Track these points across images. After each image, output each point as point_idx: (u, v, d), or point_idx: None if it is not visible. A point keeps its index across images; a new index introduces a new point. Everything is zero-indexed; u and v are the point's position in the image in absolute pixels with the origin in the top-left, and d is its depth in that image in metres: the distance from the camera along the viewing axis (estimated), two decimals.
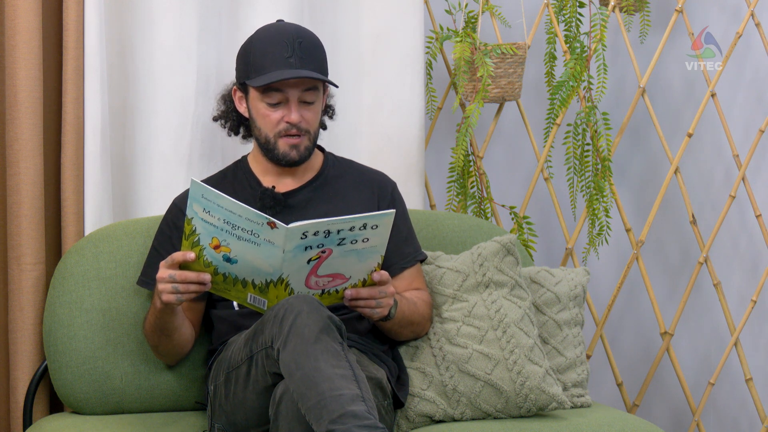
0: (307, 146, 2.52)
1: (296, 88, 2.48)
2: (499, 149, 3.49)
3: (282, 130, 2.50)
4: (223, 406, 2.35)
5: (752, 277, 3.60)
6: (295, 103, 2.49)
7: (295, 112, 2.48)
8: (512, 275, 2.61)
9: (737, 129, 3.53)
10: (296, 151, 2.51)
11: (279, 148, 2.52)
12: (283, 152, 2.51)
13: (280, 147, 2.51)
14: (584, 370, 2.67)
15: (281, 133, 2.51)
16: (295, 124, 2.49)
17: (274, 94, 2.48)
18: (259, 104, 2.50)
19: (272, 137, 2.51)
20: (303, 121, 2.50)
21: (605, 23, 3.14)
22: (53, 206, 2.75)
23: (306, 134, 2.51)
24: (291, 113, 2.48)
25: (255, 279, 2.24)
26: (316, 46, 2.50)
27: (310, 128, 2.52)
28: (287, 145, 2.51)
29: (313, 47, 2.49)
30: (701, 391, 3.56)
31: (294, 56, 2.46)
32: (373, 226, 2.22)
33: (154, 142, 2.84)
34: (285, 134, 2.50)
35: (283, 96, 2.48)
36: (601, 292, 3.53)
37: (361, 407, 2.08)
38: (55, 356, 2.56)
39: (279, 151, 2.52)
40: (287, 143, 2.51)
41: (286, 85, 2.47)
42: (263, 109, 2.50)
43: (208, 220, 2.18)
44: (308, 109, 2.51)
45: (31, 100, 2.63)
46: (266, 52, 2.47)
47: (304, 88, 2.49)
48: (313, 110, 2.52)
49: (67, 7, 2.68)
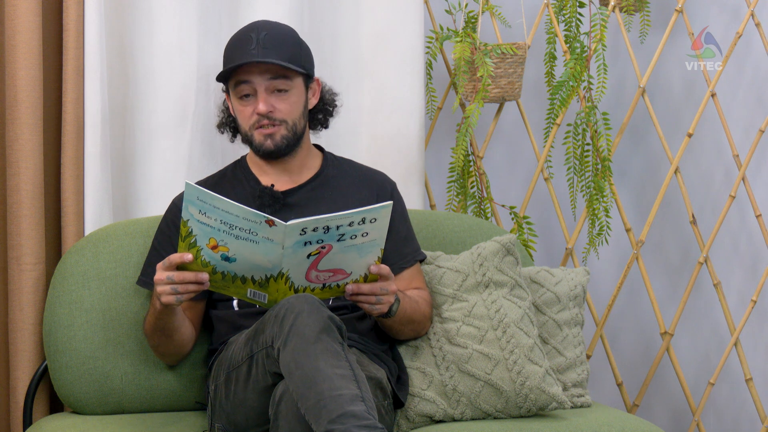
0: (285, 135, 2.51)
1: (261, 77, 2.48)
2: (499, 149, 3.49)
3: (254, 122, 2.51)
4: (224, 405, 2.35)
5: (752, 277, 3.60)
6: (262, 93, 2.49)
7: (262, 102, 2.48)
8: (512, 275, 2.61)
9: (737, 129, 3.53)
10: (271, 140, 2.51)
11: (255, 140, 2.52)
12: (258, 143, 2.52)
13: (256, 138, 2.52)
14: (584, 370, 2.67)
15: (254, 125, 2.51)
16: (264, 114, 2.49)
17: (243, 87, 2.49)
18: (235, 101, 2.53)
19: (248, 130, 2.52)
20: (276, 111, 2.49)
21: (605, 23, 3.14)
22: (53, 206, 2.75)
23: (282, 124, 2.51)
24: (258, 104, 2.48)
25: (254, 275, 2.24)
26: (283, 37, 2.50)
27: (286, 118, 2.51)
28: (261, 135, 2.51)
29: (278, 37, 2.49)
30: (701, 391, 3.56)
31: (257, 47, 2.47)
32: (372, 220, 2.22)
33: (154, 141, 2.84)
34: (258, 126, 2.51)
35: (250, 87, 2.49)
36: (601, 292, 3.53)
37: (360, 407, 2.08)
38: (55, 356, 2.56)
39: (255, 143, 2.52)
40: (261, 134, 2.51)
41: (249, 74, 2.47)
42: (237, 105, 2.52)
43: (205, 221, 2.18)
44: (281, 99, 2.50)
45: (31, 100, 2.63)
46: (233, 47, 2.50)
47: (270, 76, 2.48)
48: (287, 100, 2.50)
49: (67, 7, 2.68)
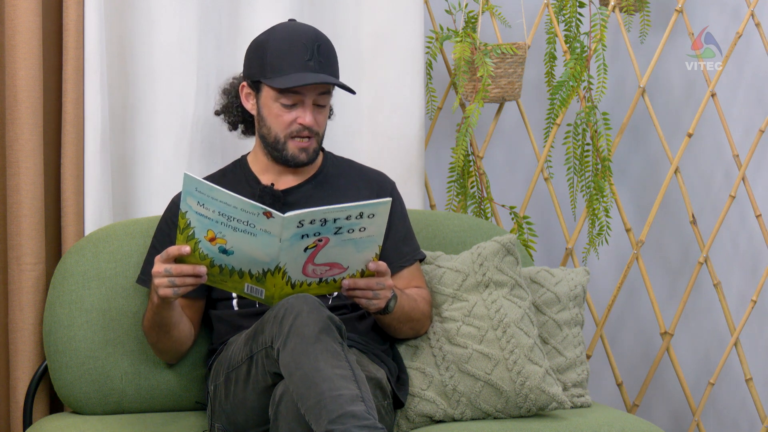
0: (315, 148, 2.55)
1: (313, 91, 2.50)
2: (499, 149, 3.49)
3: (294, 131, 2.52)
4: (223, 405, 2.35)
5: (752, 277, 3.60)
6: (310, 106, 2.50)
7: (309, 114, 2.50)
8: (512, 275, 2.61)
9: (737, 129, 3.53)
10: (305, 153, 2.53)
11: (288, 150, 2.53)
12: (292, 154, 2.53)
13: (290, 148, 2.52)
14: (584, 370, 2.67)
15: (292, 134, 2.52)
16: (308, 126, 2.50)
17: (292, 96, 2.49)
18: (273, 104, 2.51)
19: (282, 138, 2.52)
20: (315, 124, 2.51)
21: (605, 23, 3.14)
22: (53, 206, 2.75)
23: (315, 136, 2.53)
24: (306, 116, 2.50)
25: (252, 269, 2.24)
26: (332, 50, 2.53)
27: (320, 131, 2.54)
28: (297, 148, 2.52)
29: (330, 51, 2.52)
30: (701, 391, 3.56)
31: (314, 60, 2.48)
32: (370, 215, 2.22)
33: (154, 141, 2.84)
34: (296, 135, 2.52)
35: (299, 98, 2.50)
36: (601, 292, 3.53)
37: (360, 407, 2.08)
38: (55, 356, 2.56)
39: (288, 153, 2.53)
40: (297, 145, 2.52)
41: (303, 87, 2.48)
42: (276, 110, 2.51)
43: (203, 213, 2.19)
44: (320, 112, 2.53)
45: (31, 100, 2.63)
46: (285, 53, 2.48)
47: (319, 91, 2.50)
48: (324, 113, 2.55)
49: (67, 7, 2.68)
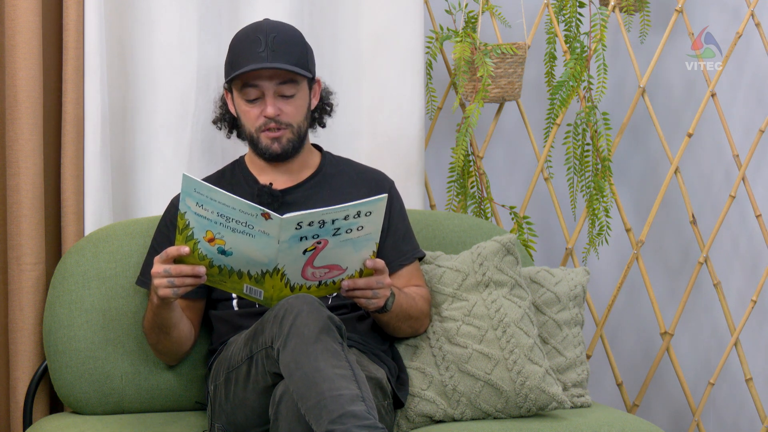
0: (290, 139, 2.54)
1: (271, 81, 2.49)
2: (499, 149, 3.49)
3: (261, 125, 2.52)
4: (223, 405, 2.35)
5: (752, 277, 3.60)
6: (271, 97, 2.50)
7: (270, 105, 2.50)
8: (512, 275, 2.61)
9: (737, 129, 3.53)
10: (278, 143, 2.53)
11: (261, 142, 2.54)
12: (264, 146, 2.53)
13: (262, 141, 2.54)
14: (584, 370, 2.67)
15: (261, 128, 2.53)
16: (272, 117, 2.50)
17: (251, 90, 2.50)
18: (240, 101, 2.53)
19: (254, 132, 2.54)
20: (282, 114, 2.51)
21: (605, 23, 3.14)
22: (53, 206, 2.75)
23: (287, 127, 2.53)
24: (267, 107, 2.50)
25: (251, 270, 2.24)
26: (292, 40, 2.51)
27: (292, 121, 2.53)
28: (268, 139, 2.53)
29: (288, 40, 2.50)
30: (701, 391, 3.56)
31: (266, 50, 2.48)
32: (367, 213, 2.22)
33: (153, 141, 2.84)
34: (265, 128, 2.52)
35: (259, 91, 2.50)
36: (601, 292, 3.53)
37: (360, 407, 2.08)
38: (55, 356, 2.56)
39: (261, 145, 2.54)
40: (268, 137, 2.53)
41: (259, 78, 2.48)
42: (243, 106, 2.53)
43: (202, 213, 2.19)
44: (288, 102, 2.52)
45: (31, 100, 2.63)
46: (241, 49, 2.50)
47: (278, 81, 2.50)
48: (293, 104, 2.52)
49: (67, 7, 2.68)
